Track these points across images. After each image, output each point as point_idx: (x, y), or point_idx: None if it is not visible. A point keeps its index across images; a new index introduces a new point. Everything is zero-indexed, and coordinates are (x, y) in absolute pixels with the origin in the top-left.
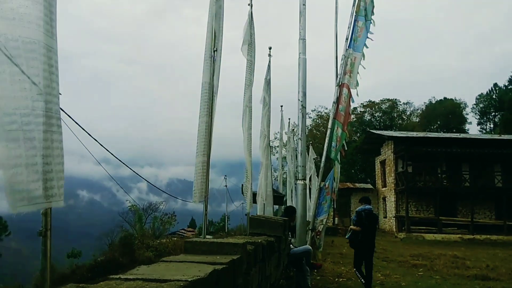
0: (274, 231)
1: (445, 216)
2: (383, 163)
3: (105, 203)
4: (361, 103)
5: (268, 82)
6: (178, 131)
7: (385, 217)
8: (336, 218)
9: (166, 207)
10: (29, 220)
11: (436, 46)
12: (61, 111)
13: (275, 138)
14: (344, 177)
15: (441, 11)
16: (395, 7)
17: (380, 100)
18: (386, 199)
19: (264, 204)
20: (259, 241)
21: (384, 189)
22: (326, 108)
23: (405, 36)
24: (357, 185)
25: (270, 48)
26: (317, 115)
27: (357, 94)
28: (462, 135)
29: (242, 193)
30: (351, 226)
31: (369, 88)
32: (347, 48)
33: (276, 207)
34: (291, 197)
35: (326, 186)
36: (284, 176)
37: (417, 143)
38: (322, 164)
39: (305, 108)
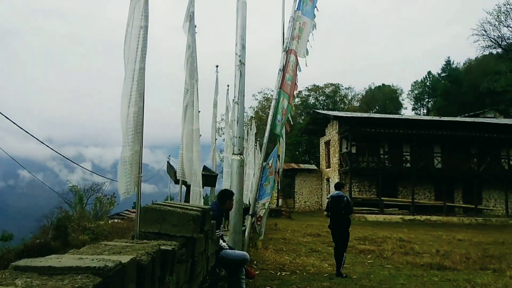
0: (181, 230)
1: (386, 196)
2: (327, 143)
3: (47, 183)
4: (306, 87)
5: (191, 17)
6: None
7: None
8: (280, 200)
9: (110, 188)
10: None
11: (376, 37)
12: None
13: (222, 120)
14: (288, 159)
15: (380, 3)
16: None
17: (324, 84)
18: (330, 180)
19: (188, 186)
20: (137, 256)
21: (328, 170)
22: (273, 91)
23: (348, 26)
24: (302, 165)
25: None
26: (264, 97)
27: (306, 64)
28: (405, 116)
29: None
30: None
31: (313, 73)
32: (296, 9)
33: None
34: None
35: (269, 165)
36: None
37: (361, 123)
38: (265, 140)
39: (244, 64)
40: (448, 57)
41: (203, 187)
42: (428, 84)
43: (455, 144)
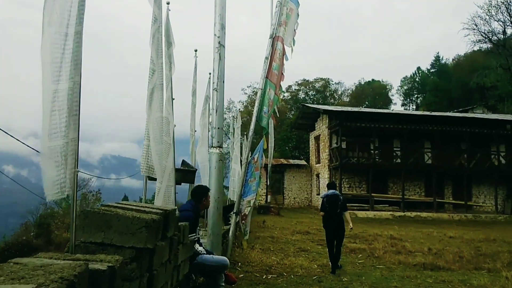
0: (130, 239)
1: (377, 192)
2: (317, 138)
3: (32, 179)
4: (296, 81)
5: None
6: (111, 107)
7: (318, 194)
8: (269, 196)
9: (96, 184)
10: None
11: (366, 32)
12: None
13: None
14: (278, 154)
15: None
16: None
17: (314, 79)
18: (320, 175)
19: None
20: (42, 286)
21: (318, 165)
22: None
23: (338, 21)
24: (291, 161)
25: None
26: (253, 92)
27: (292, 50)
28: (395, 111)
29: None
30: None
31: (303, 68)
32: None
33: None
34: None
35: (255, 159)
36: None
37: (352, 118)
38: (250, 133)
39: (224, 47)
40: (438, 53)
41: (179, 184)
42: (417, 79)
43: (445, 140)
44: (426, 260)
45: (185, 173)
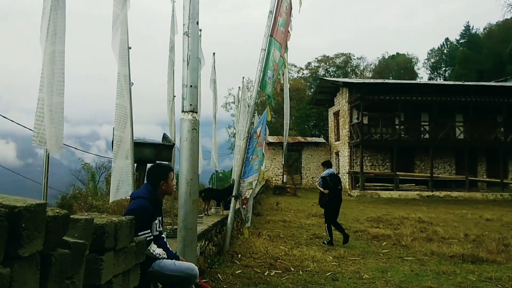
0: None
1: (402, 171)
2: (336, 114)
3: (64, 161)
4: (315, 58)
5: None
6: (136, 88)
7: (338, 173)
8: (285, 176)
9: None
10: None
11: (389, 4)
12: None
13: (229, 94)
14: (297, 133)
15: None
16: None
17: (335, 54)
18: (340, 153)
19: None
20: None
21: (337, 143)
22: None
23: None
24: (309, 139)
25: None
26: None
27: (300, 3)
28: (423, 81)
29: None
30: (320, 188)
31: (323, 44)
32: None
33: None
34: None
35: (257, 133)
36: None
37: (374, 90)
38: (252, 102)
39: None
40: (467, 22)
41: (152, 162)
42: (445, 51)
43: (479, 112)
44: (465, 249)
45: (158, 148)
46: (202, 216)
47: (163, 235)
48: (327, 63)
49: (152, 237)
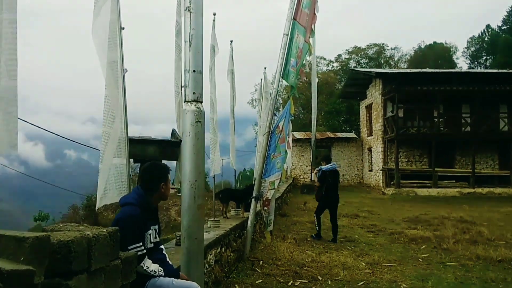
0: None
1: (441, 167)
2: (369, 107)
3: (92, 162)
4: (346, 49)
5: None
6: (162, 88)
7: (371, 170)
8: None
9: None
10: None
11: None
12: None
13: (255, 90)
14: (326, 128)
15: None
16: None
17: (367, 45)
18: (372, 149)
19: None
20: None
21: (369, 138)
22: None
23: None
24: (339, 134)
25: None
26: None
27: None
28: (464, 70)
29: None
30: (315, 179)
31: (354, 37)
32: None
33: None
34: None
35: (279, 128)
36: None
37: (410, 81)
38: (273, 94)
39: None
40: (511, 8)
41: (141, 160)
42: (486, 39)
43: None
44: None
45: (163, 145)
46: (219, 219)
47: (161, 247)
48: (359, 55)
49: (144, 251)
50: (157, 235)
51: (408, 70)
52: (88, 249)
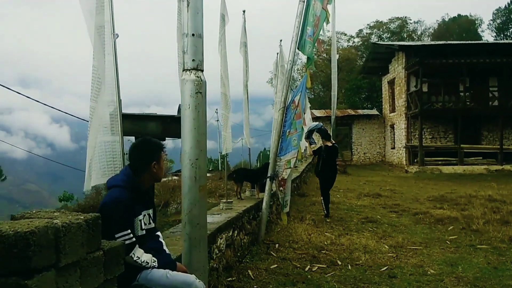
0: None
1: (467, 143)
2: (391, 82)
3: None
4: (367, 24)
5: None
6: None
7: (393, 147)
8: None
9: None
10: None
11: None
12: None
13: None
14: (347, 106)
15: None
16: None
17: (389, 19)
18: (395, 126)
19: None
20: None
21: (392, 114)
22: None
23: None
24: (360, 111)
25: None
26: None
27: None
28: (491, 41)
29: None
30: (308, 148)
31: (376, 11)
32: None
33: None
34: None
35: (295, 103)
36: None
37: (435, 53)
38: (288, 67)
39: None
40: None
41: (162, 139)
42: None
43: None
44: None
45: (166, 121)
46: (232, 201)
47: (158, 233)
48: (381, 29)
49: (133, 239)
50: (151, 221)
51: (432, 43)
52: (55, 241)
